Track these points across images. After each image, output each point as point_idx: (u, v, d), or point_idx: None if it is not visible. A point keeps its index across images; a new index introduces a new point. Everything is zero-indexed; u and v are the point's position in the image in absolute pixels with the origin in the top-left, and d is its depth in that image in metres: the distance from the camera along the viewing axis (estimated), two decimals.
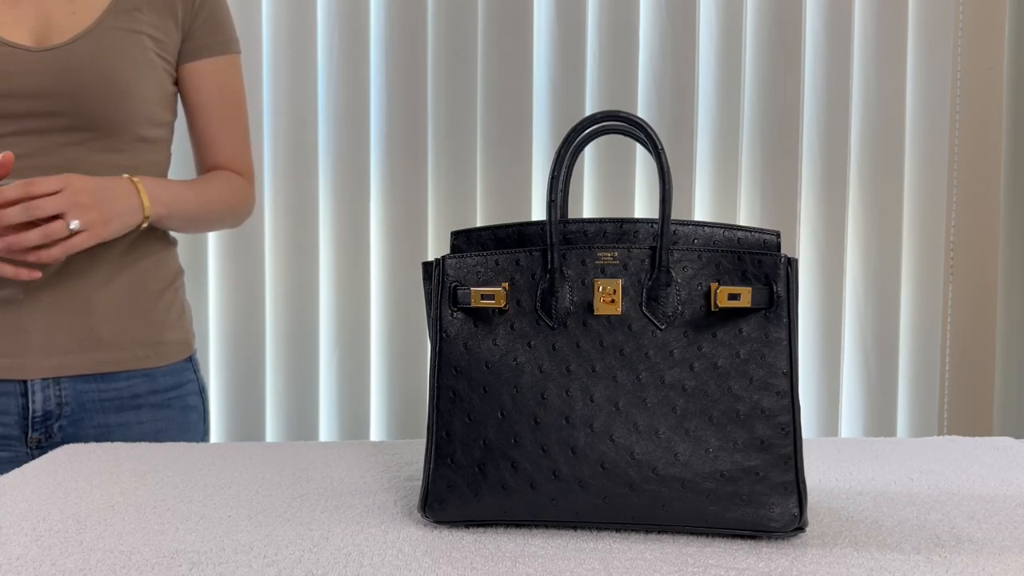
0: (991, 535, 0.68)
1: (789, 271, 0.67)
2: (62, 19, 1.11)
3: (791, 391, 0.66)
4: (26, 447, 1.11)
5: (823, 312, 1.83)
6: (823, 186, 1.81)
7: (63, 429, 1.12)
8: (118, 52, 1.11)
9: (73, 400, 1.12)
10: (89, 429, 1.13)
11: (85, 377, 1.12)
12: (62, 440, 1.11)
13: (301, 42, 1.75)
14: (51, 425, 1.11)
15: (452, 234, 0.73)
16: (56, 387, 1.11)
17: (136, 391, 1.16)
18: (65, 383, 1.11)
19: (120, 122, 1.12)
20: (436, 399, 0.69)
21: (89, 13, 1.12)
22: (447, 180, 1.78)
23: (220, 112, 1.24)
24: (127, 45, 1.12)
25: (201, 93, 1.22)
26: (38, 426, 1.10)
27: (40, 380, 1.10)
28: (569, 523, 0.68)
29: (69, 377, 1.11)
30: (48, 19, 1.11)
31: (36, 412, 1.10)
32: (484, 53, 1.76)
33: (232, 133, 1.25)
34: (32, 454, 1.11)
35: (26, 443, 1.11)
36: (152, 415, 1.17)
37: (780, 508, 0.65)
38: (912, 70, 1.81)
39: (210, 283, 1.78)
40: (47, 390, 1.10)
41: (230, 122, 1.25)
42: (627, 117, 0.69)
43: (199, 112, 1.23)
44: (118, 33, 1.12)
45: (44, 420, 1.11)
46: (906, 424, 1.87)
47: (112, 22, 1.12)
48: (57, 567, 0.62)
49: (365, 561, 0.63)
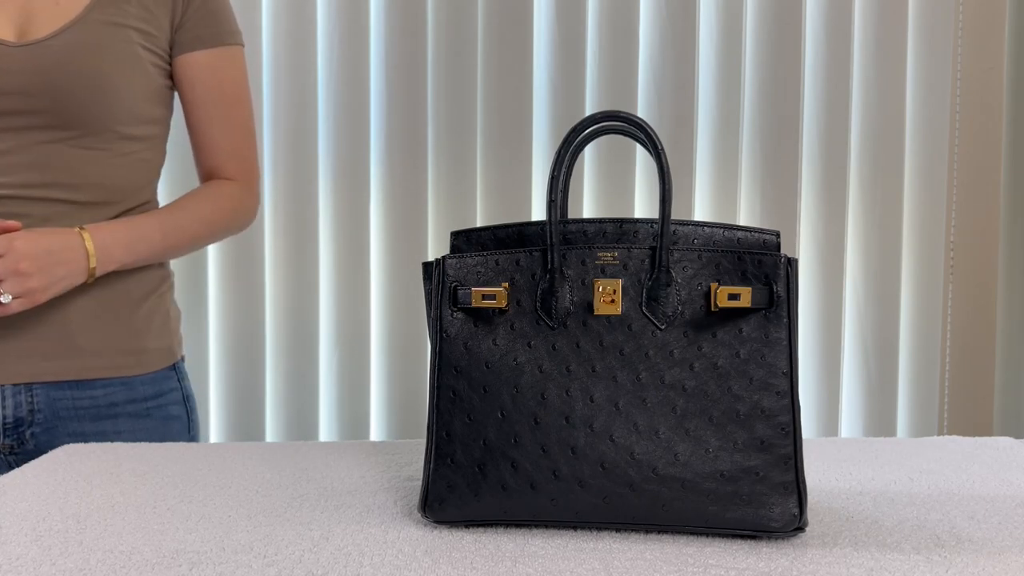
0: (991, 535, 0.68)
1: (789, 271, 0.67)
2: (46, 12, 1.07)
3: (791, 391, 0.66)
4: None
5: (823, 312, 1.83)
6: (823, 186, 1.81)
7: (35, 436, 1.09)
8: (99, 47, 1.07)
9: (46, 407, 1.09)
10: (64, 437, 1.10)
11: (59, 384, 1.10)
12: (35, 447, 1.09)
13: (301, 42, 1.75)
14: (23, 432, 1.08)
15: (452, 234, 0.73)
16: (28, 393, 1.08)
17: (113, 399, 1.12)
18: (37, 389, 1.09)
19: (100, 120, 1.08)
20: (436, 399, 0.69)
21: (74, 6, 1.08)
22: (447, 180, 1.78)
23: (217, 108, 1.18)
24: (110, 39, 1.08)
25: (196, 87, 1.17)
26: (9, 432, 1.08)
27: (11, 386, 1.07)
28: (569, 523, 0.68)
29: (42, 383, 1.09)
30: (32, 12, 1.07)
31: (7, 419, 1.07)
32: (484, 53, 1.76)
33: (231, 131, 1.20)
34: (7, 460, 1.09)
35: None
36: (130, 424, 1.14)
37: (780, 508, 0.65)
38: (912, 70, 1.81)
39: (210, 283, 1.78)
40: (18, 396, 1.08)
41: (228, 119, 1.19)
42: (627, 117, 0.69)
43: (194, 108, 1.18)
44: (101, 27, 1.08)
45: (15, 427, 1.08)
46: (906, 424, 1.87)
47: (97, 15, 1.08)
48: (57, 567, 0.62)
49: (365, 561, 0.63)
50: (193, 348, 1.76)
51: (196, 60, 1.16)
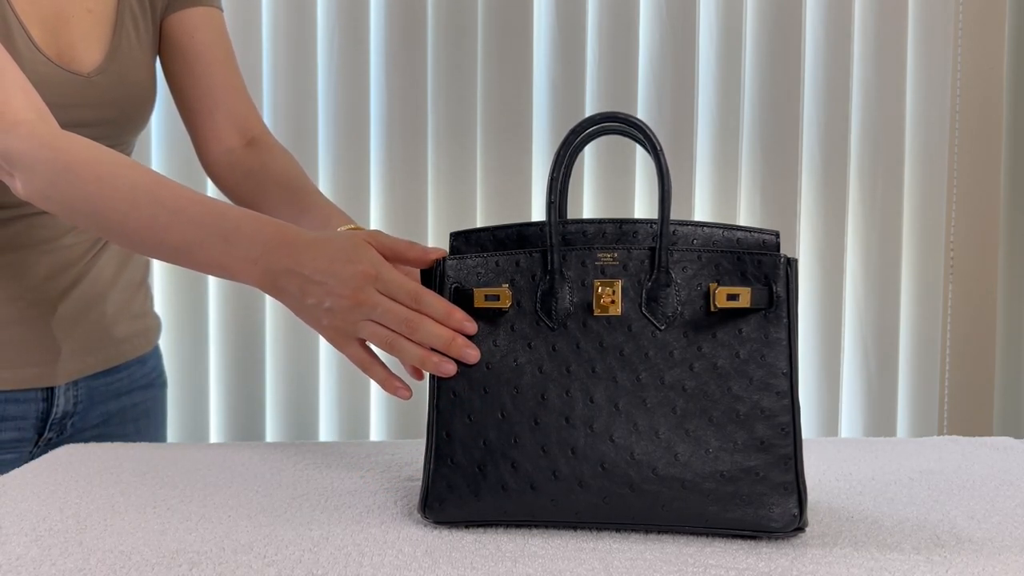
0: (991, 535, 0.68)
1: (789, 271, 0.67)
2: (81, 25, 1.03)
3: (791, 391, 0.66)
4: (33, 447, 1.11)
5: (823, 312, 1.83)
6: (823, 186, 1.81)
7: (74, 424, 1.13)
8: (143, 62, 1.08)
9: (86, 397, 1.13)
10: (94, 417, 1.14)
11: (96, 374, 1.14)
12: (71, 434, 1.12)
13: (301, 42, 1.75)
14: (66, 423, 1.12)
15: (451, 235, 0.73)
16: (74, 388, 1.11)
17: (133, 377, 1.18)
18: (82, 382, 1.12)
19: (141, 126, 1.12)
20: (436, 399, 0.70)
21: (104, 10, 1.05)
22: (447, 180, 1.78)
23: (226, 55, 1.11)
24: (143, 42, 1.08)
25: (197, 35, 1.10)
26: (54, 426, 1.10)
27: (63, 385, 1.10)
28: (569, 523, 0.68)
29: (86, 377, 1.12)
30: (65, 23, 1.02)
31: (57, 414, 1.10)
32: (484, 53, 1.76)
33: (241, 85, 1.13)
34: (33, 453, 1.11)
35: (36, 444, 1.10)
36: (142, 396, 1.20)
37: (780, 508, 0.65)
38: (912, 70, 1.81)
39: (210, 283, 1.78)
40: (68, 392, 1.11)
41: (236, 68, 1.12)
42: (626, 118, 0.69)
43: (197, 58, 1.09)
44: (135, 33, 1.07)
45: (61, 419, 1.11)
46: (906, 424, 1.87)
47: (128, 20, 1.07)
48: (57, 567, 0.62)
49: (365, 561, 0.63)
50: (193, 348, 1.76)
51: (195, 12, 1.11)
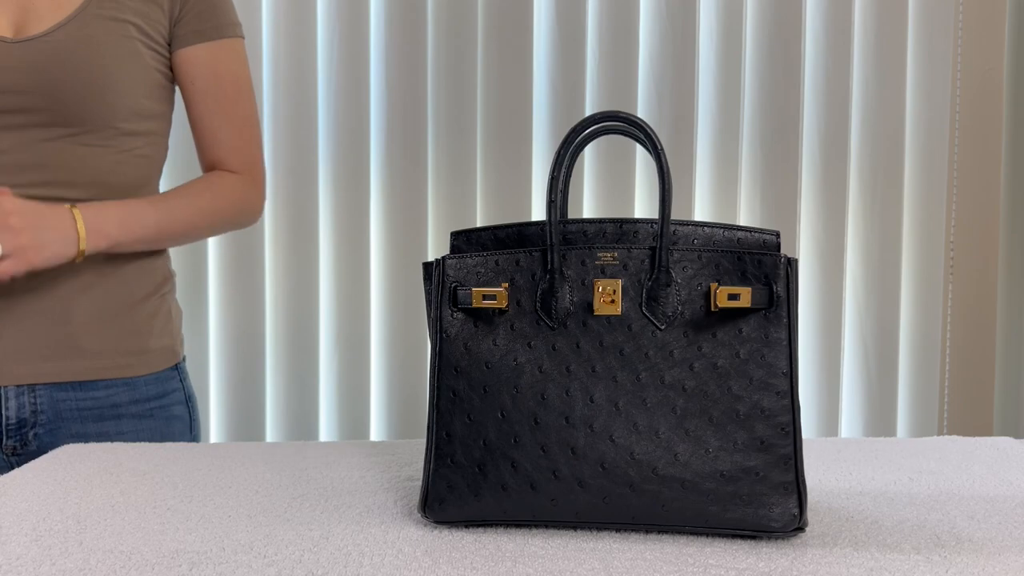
0: (991, 535, 0.68)
1: (789, 271, 0.67)
2: (44, 7, 1.06)
3: (791, 391, 0.66)
4: (2, 453, 1.09)
5: (823, 312, 1.83)
6: (823, 186, 1.81)
7: (39, 437, 1.09)
8: (97, 42, 1.05)
9: (49, 408, 1.09)
10: (67, 438, 1.09)
11: (62, 385, 1.09)
12: (37, 448, 1.08)
13: (301, 42, 1.75)
14: (25, 433, 1.08)
15: (452, 234, 0.73)
16: (31, 394, 1.08)
17: (116, 400, 1.12)
18: (41, 391, 1.08)
19: (99, 116, 1.06)
20: (436, 399, 0.70)
21: (72, 1, 1.07)
22: (447, 180, 1.78)
23: (218, 102, 1.15)
24: (108, 34, 1.07)
25: (196, 81, 1.15)
26: (12, 434, 1.08)
27: (14, 387, 1.07)
28: (569, 523, 0.68)
29: (45, 385, 1.08)
30: (30, 7, 1.06)
31: (10, 420, 1.07)
32: (484, 53, 1.76)
33: (232, 125, 1.17)
34: (9, 461, 1.09)
35: (1, 450, 1.08)
36: (133, 425, 1.13)
37: (780, 508, 0.65)
38: (912, 70, 1.81)
39: (210, 283, 1.78)
40: (21, 397, 1.07)
41: (230, 113, 1.16)
42: (627, 117, 0.69)
43: (195, 103, 1.16)
44: (99, 21, 1.06)
45: (19, 428, 1.08)
46: (906, 424, 1.87)
47: (95, 10, 1.07)
48: (57, 567, 0.62)
49: (365, 561, 0.63)
50: (193, 348, 1.76)
51: (196, 54, 1.14)
